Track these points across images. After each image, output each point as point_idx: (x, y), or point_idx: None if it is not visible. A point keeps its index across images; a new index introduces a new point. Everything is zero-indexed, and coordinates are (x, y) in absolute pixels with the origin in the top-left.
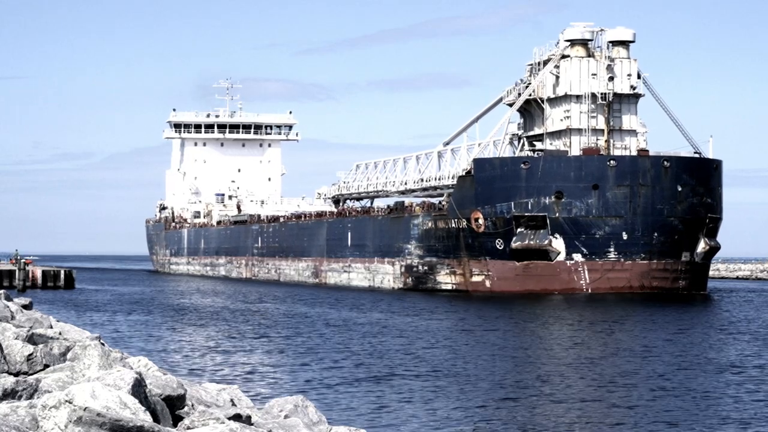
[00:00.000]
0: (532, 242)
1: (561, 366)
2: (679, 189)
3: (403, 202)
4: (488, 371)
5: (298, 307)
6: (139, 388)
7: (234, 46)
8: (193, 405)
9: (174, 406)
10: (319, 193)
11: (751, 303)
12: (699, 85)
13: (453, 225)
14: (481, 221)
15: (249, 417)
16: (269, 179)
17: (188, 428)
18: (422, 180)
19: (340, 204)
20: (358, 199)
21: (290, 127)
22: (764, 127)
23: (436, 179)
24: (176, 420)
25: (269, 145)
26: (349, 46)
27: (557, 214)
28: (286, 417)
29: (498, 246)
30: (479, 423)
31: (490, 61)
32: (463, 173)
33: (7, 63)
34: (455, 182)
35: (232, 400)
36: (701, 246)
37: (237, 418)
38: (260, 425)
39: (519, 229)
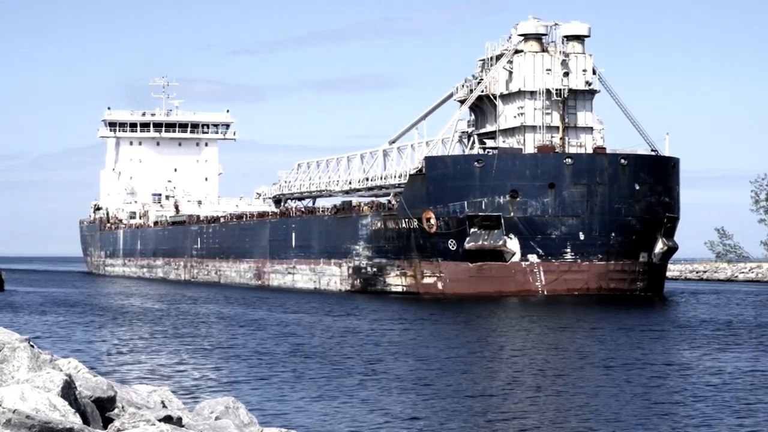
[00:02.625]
0: (486, 243)
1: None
2: (637, 188)
3: (350, 201)
4: (420, 371)
5: (233, 309)
6: (68, 390)
7: (164, 47)
8: (123, 407)
9: (104, 408)
10: (258, 193)
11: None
12: (654, 82)
13: (404, 225)
14: (433, 221)
15: (180, 419)
16: (206, 179)
17: (119, 430)
18: (367, 179)
19: (282, 204)
20: (300, 199)
21: (227, 125)
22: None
23: (382, 178)
24: (106, 422)
25: (206, 144)
26: (279, 47)
27: (512, 214)
28: (217, 418)
29: (451, 247)
30: (411, 421)
31: (421, 62)
32: (414, 172)
33: None
34: (404, 181)
35: (162, 402)
36: (659, 246)
37: (168, 419)
38: (191, 427)
39: (472, 230)
